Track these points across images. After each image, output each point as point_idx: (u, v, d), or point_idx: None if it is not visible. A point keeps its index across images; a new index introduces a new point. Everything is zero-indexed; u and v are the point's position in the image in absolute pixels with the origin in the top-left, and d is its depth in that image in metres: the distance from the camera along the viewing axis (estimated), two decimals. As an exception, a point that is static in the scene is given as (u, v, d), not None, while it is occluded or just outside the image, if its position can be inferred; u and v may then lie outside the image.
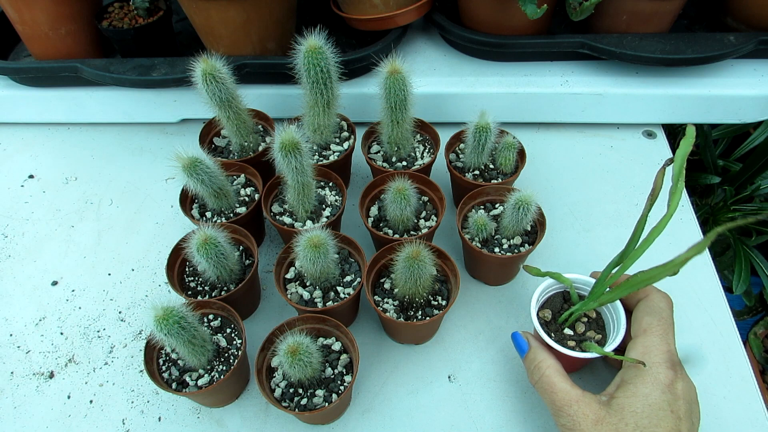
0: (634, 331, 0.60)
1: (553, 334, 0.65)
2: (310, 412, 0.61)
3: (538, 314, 0.66)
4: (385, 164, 0.84)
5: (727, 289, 1.07)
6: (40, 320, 0.79)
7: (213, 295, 0.73)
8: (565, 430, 0.57)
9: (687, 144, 0.52)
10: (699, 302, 0.76)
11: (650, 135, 0.99)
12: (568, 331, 0.66)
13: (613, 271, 0.61)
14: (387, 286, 0.72)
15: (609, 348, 0.62)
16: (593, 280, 0.65)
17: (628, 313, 0.64)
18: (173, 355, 0.66)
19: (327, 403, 0.62)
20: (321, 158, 0.85)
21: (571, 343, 0.64)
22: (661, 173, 0.55)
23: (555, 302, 0.68)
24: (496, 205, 0.79)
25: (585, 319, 0.67)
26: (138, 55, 0.98)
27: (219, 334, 0.68)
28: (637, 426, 0.53)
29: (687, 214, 0.87)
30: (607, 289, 0.63)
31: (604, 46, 0.90)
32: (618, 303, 0.64)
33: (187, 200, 0.79)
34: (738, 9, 0.95)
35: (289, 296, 0.71)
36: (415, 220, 0.78)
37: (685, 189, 0.90)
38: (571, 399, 0.57)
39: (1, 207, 0.94)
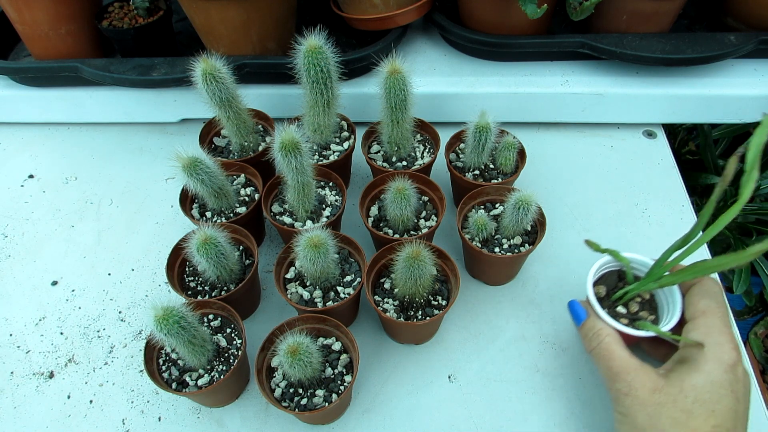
0: (691, 314, 0.60)
1: (606, 310, 0.65)
2: (310, 412, 0.61)
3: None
4: (385, 164, 0.84)
5: (728, 289, 1.07)
6: (40, 320, 0.79)
7: (213, 295, 0.73)
8: (620, 395, 0.57)
9: (762, 132, 0.51)
10: (699, 302, 0.76)
11: (650, 135, 0.99)
12: (621, 309, 0.66)
13: (675, 254, 0.61)
14: (387, 286, 0.72)
15: (663, 329, 0.62)
16: (651, 262, 0.65)
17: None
18: (173, 355, 0.66)
19: (327, 403, 0.62)
20: (321, 158, 0.85)
21: (624, 321, 0.64)
22: (734, 160, 0.54)
23: (610, 279, 0.68)
24: (497, 205, 0.79)
25: (639, 299, 0.66)
26: (138, 55, 0.98)
27: (219, 334, 0.68)
28: (697, 400, 0.53)
29: (687, 214, 0.87)
30: (666, 272, 0.63)
31: (605, 45, 0.90)
32: (675, 286, 0.64)
33: (187, 200, 0.79)
34: (738, 9, 0.95)
35: (289, 296, 0.71)
36: (415, 220, 0.78)
37: (685, 188, 0.90)
38: (630, 367, 0.57)
39: (1, 207, 0.94)
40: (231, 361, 0.66)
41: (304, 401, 0.63)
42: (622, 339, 0.61)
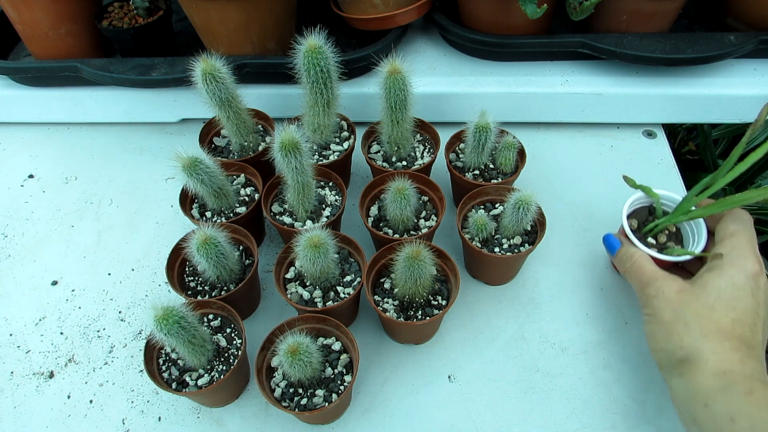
0: (720, 236, 0.64)
1: (639, 241, 0.70)
2: (310, 412, 0.61)
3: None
4: (385, 164, 0.84)
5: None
6: (40, 320, 0.79)
7: (213, 294, 0.73)
8: (649, 299, 0.62)
9: None
10: (699, 302, 0.76)
11: (650, 135, 0.99)
12: (650, 240, 0.72)
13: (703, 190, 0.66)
14: (387, 285, 0.72)
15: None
16: (679, 198, 0.71)
17: (710, 234, 0.68)
18: (173, 355, 0.66)
19: (327, 403, 0.62)
20: (321, 158, 0.85)
21: (654, 250, 0.69)
22: (766, 108, 0.60)
23: (641, 214, 0.75)
24: (496, 205, 0.79)
25: (666, 232, 0.73)
26: (138, 55, 0.98)
27: (219, 334, 0.68)
28: (719, 298, 0.58)
29: (687, 214, 0.87)
30: (694, 207, 0.68)
31: (605, 45, 0.90)
32: (701, 218, 0.69)
33: (187, 200, 0.79)
34: (738, 9, 0.95)
35: (289, 296, 0.71)
36: (415, 220, 0.78)
37: (685, 188, 0.90)
38: (659, 275, 0.63)
39: (0, 207, 0.94)
40: (231, 361, 0.66)
41: (304, 401, 0.63)
42: (652, 260, 0.66)
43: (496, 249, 0.75)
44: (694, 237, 0.71)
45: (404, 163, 0.84)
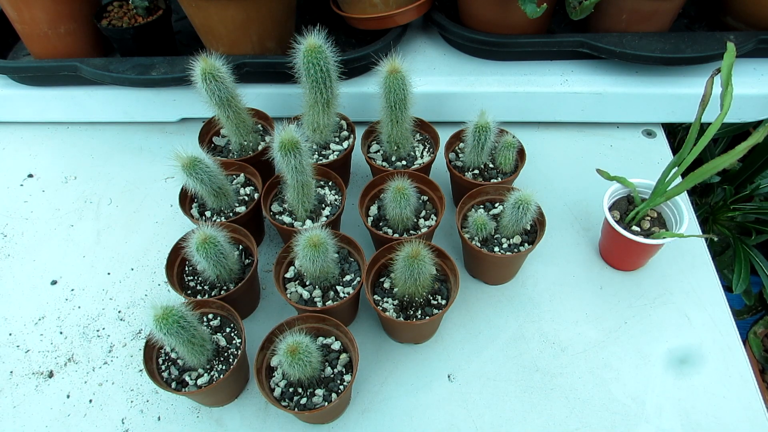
0: None
1: (624, 230, 0.73)
2: (310, 412, 0.61)
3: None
4: (384, 163, 0.84)
5: (727, 289, 1.07)
6: (40, 319, 0.79)
7: (212, 294, 0.73)
8: None
9: (730, 56, 0.63)
10: (699, 302, 0.76)
11: (650, 134, 0.99)
12: (635, 228, 0.75)
13: (673, 170, 0.69)
14: (387, 285, 0.72)
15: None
16: (653, 183, 0.75)
17: None
18: (173, 355, 0.66)
19: (326, 403, 0.62)
20: (320, 157, 0.85)
21: (641, 237, 0.72)
22: (710, 81, 0.64)
23: (621, 204, 0.78)
24: (496, 205, 0.79)
25: (648, 218, 0.76)
26: (137, 54, 0.98)
27: (218, 334, 0.68)
28: None
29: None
30: (669, 187, 0.70)
31: (604, 45, 0.90)
32: (678, 199, 0.73)
33: (186, 199, 0.79)
34: (738, 8, 0.95)
35: (288, 295, 0.71)
36: (415, 220, 0.78)
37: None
38: None
39: (0, 206, 0.94)
40: (230, 360, 0.66)
41: (303, 400, 0.63)
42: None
43: (496, 248, 0.74)
44: (675, 219, 0.74)
45: (404, 162, 0.84)
